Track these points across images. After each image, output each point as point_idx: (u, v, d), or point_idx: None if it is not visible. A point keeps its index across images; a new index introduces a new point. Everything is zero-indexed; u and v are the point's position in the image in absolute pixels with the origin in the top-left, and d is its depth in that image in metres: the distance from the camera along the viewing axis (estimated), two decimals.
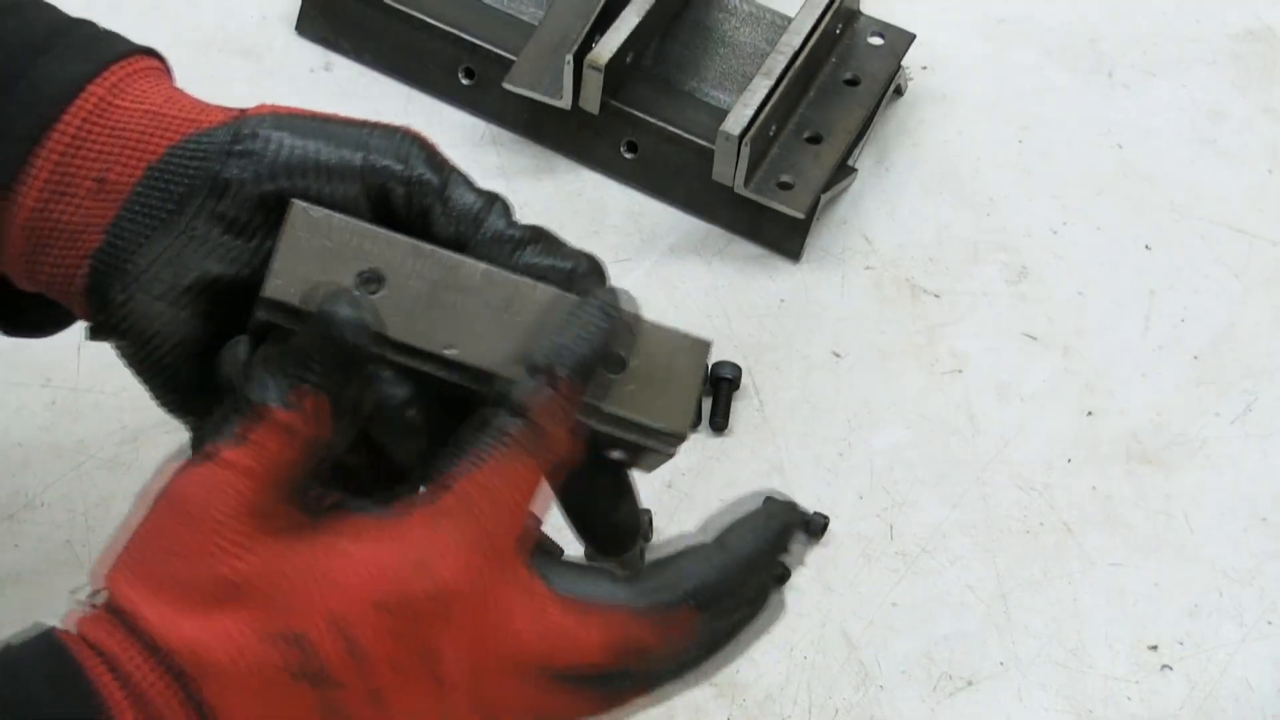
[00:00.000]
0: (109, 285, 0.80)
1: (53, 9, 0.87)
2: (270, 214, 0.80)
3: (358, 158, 0.81)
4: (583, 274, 0.82)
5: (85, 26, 0.87)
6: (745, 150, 1.24)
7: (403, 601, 0.71)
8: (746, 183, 1.26)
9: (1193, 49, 1.42)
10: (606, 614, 0.75)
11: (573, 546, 0.84)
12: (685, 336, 0.85)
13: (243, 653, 0.70)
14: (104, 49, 0.84)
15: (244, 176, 0.81)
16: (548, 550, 0.78)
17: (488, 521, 0.73)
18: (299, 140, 0.82)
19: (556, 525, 0.82)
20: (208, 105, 0.85)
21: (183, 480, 0.73)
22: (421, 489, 0.75)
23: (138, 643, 0.71)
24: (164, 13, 1.39)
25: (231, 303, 0.80)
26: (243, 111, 0.84)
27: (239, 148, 0.81)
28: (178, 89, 0.85)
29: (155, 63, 0.86)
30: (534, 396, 0.76)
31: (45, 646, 0.71)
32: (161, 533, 0.73)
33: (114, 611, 0.72)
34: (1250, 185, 1.35)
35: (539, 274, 0.81)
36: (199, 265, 0.80)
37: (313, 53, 1.38)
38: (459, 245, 0.82)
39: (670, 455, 0.83)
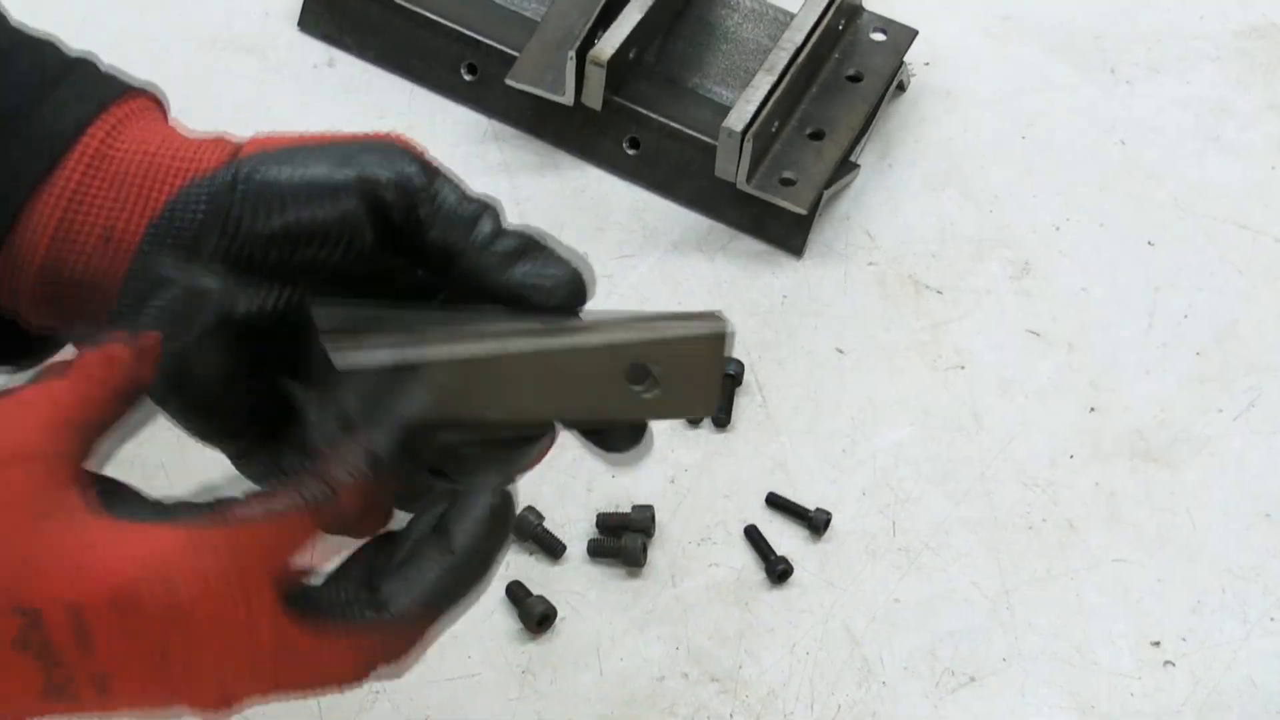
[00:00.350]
0: None
1: (52, 49, 0.87)
2: (281, 248, 0.82)
3: (351, 175, 0.82)
4: (560, 298, 0.82)
5: (83, 68, 0.87)
6: (748, 146, 1.24)
7: (138, 607, 0.72)
8: (749, 179, 1.26)
9: (1197, 45, 1.42)
10: (357, 638, 0.76)
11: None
12: (702, 329, 0.84)
13: None
14: (101, 91, 0.85)
15: (249, 219, 0.81)
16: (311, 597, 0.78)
17: (246, 559, 0.74)
18: (294, 169, 0.82)
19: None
20: (202, 142, 0.85)
21: None
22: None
23: None
24: (168, 9, 1.39)
25: (255, 337, 0.82)
26: (236, 149, 0.84)
27: (240, 188, 0.82)
28: (172, 129, 0.85)
29: (149, 101, 0.87)
30: (345, 477, 0.77)
31: None
32: None
33: None
34: (1254, 181, 1.35)
35: (526, 294, 0.82)
36: (216, 311, 0.81)
37: (316, 49, 1.38)
38: (449, 253, 0.83)
39: None
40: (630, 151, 1.31)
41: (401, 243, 0.83)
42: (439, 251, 0.83)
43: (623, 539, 1.12)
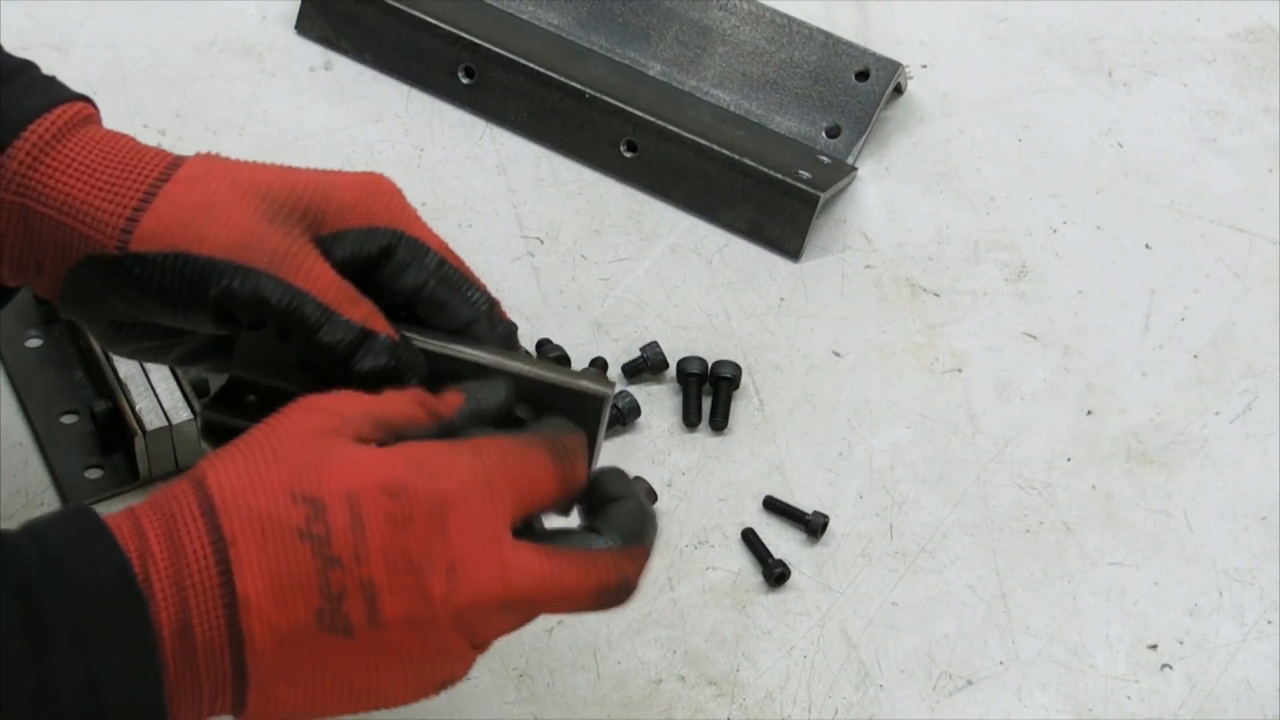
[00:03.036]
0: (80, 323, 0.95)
1: None
2: (165, 316, 0.91)
3: (207, 304, 0.89)
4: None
5: (27, 71, 0.95)
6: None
7: (405, 489, 0.82)
8: None
9: (1193, 48, 1.42)
10: (591, 558, 0.86)
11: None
12: (587, 387, 0.93)
13: (268, 500, 0.81)
14: (39, 99, 0.93)
15: (119, 307, 0.91)
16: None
17: (491, 475, 0.84)
18: (160, 279, 0.90)
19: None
20: (102, 201, 0.91)
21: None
22: None
23: (191, 487, 0.82)
24: (166, 12, 1.39)
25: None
26: (140, 204, 0.90)
27: (125, 273, 0.90)
28: (77, 169, 0.92)
29: (70, 111, 0.93)
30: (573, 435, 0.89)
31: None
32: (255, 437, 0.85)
33: (191, 473, 0.83)
34: (1251, 184, 1.35)
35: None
36: (127, 336, 0.94)
37: (313, 52, 1.38)
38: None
39: None
40: (627, 154, 1.31)
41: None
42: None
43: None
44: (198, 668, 0.80)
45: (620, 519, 0.88)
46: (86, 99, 0.94)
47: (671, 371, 1.21)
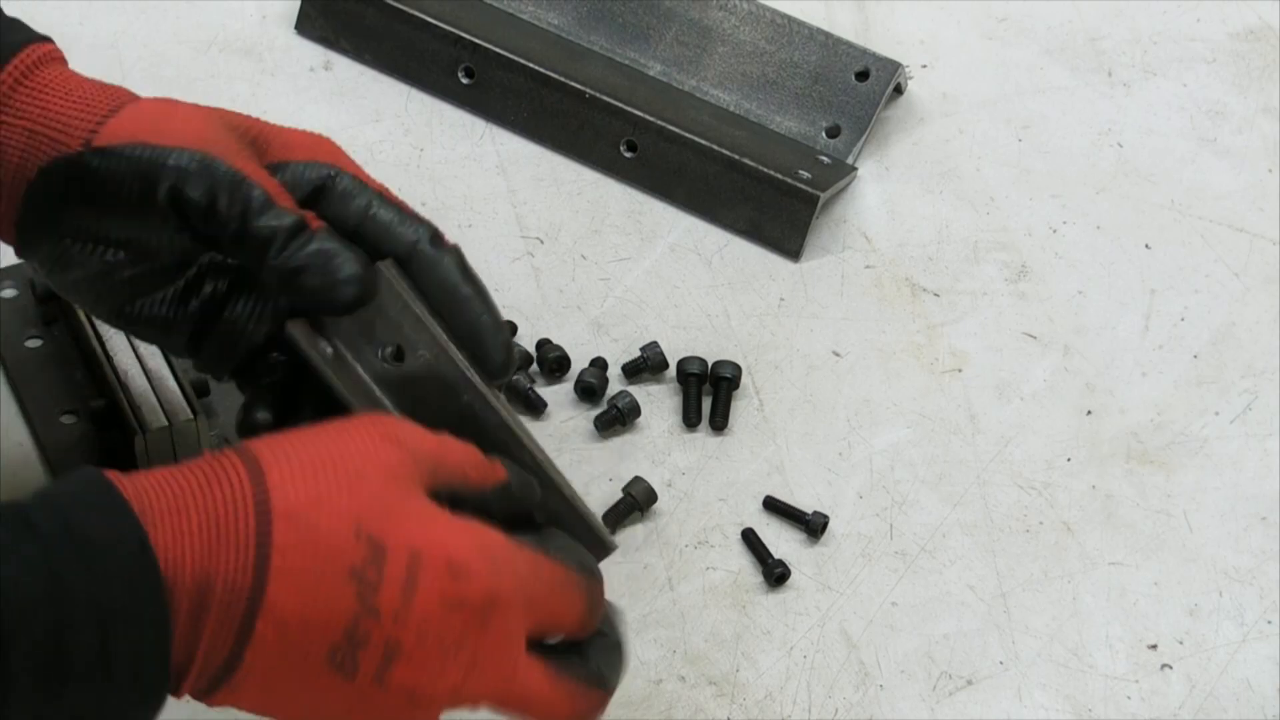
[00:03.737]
0: (35, 263, 0.96)
1: None
2: (113, 224, 0.93)
3: (165, 178, 0.91)
4: (336, 298, 0.92)
5: None
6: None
7: (468, 573, 0.82)
8: None
9: (1193, 48, 1.42)
10: (576, 692, 0.88)
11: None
12: (604, 538, 0.94)
13: (330, 526, 0.80)
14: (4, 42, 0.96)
15: (84, 201, 0.93)
16: None
17: (537, 593, 0.86)
18: (120, 163, 0.92)
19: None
20: (74, 110, 0.94)
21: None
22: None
23: (249, 478, 0.81)
24: (165, 12, 1.39)
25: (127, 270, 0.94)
26: (94, 131, 0.93)
27: (86, 168, 0.92)
28: (51, 90, 0.95)
29: (39, 50, 0.96)
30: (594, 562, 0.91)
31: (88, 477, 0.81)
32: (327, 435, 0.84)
33: (248, 456, 0.82)
34: (1250, 184, 1.35)
35: (301, 282, 0.91)
36: (83, 260, 0.94)
37: (313, 52, 1.38)
38: (241, 240, 0.92)
39: None
40: (627, 154, 1.31)
41: (210, 234, 0.92)
42: (233, 239, 0.92)
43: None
44: (194, 655, 0.80)
45: (610, 659, 0.91)
46: (52, 40, 0.97)
47: (671, 371, 1.21)
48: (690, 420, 1.19)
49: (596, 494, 1.15)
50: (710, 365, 1.21)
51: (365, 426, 0.85)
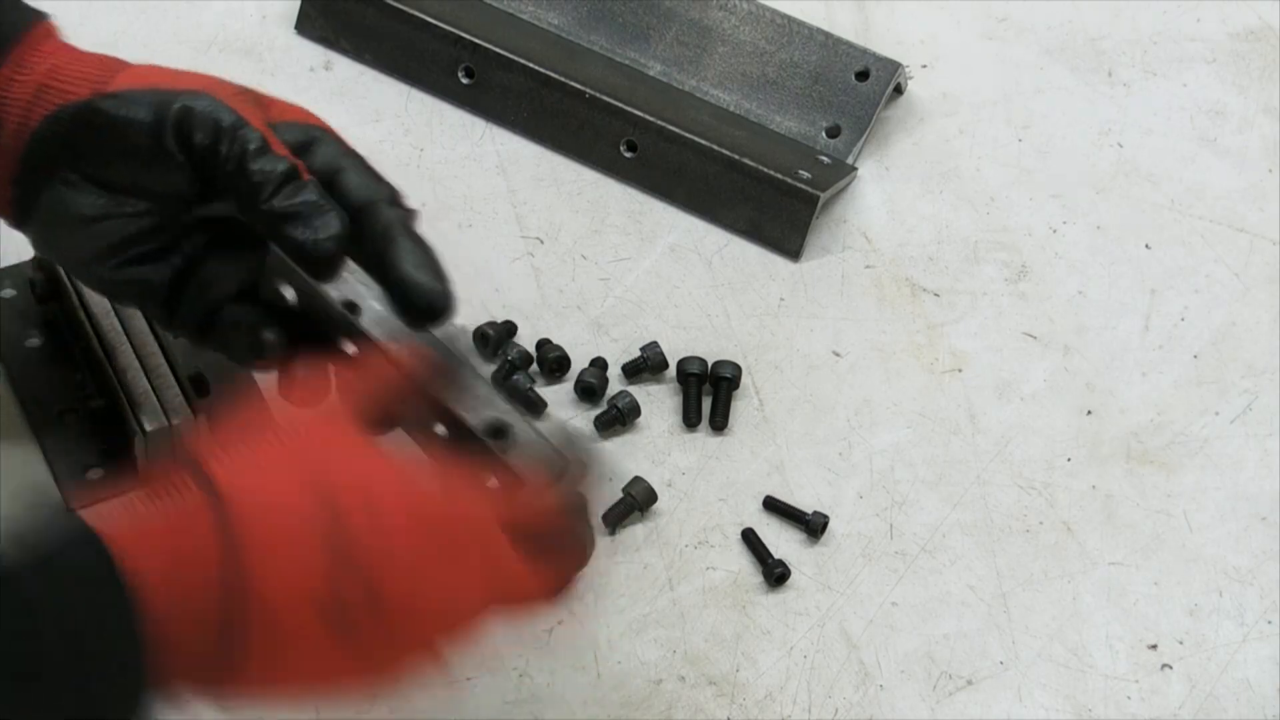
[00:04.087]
0: (27, 226, 1.00)
1: None
2: (118, 169, 0.96)
3: (169, 118, 0.95)
4: (316, 250, 0.95)
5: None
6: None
7: (421, 491, 0.85)
8: None
9: (1193, 48, 1.42)
10: (555, 562, 0.91)
11: None
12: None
13: (283, 493, 0.83)
14: (12, 24, 1.00)
15: (91, 145, 0.96)
16: None
17: (504, 509, 0.88)
18: (129, 108, 0.96)
19: None
20: (84, 67, 0.98)
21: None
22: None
23: (191, 472, 0.83)
24: (165, 12, 1.39)
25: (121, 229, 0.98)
26: (102, 85, 0.97)
27: (89, 119, 0.96)
28: (61, 54, 0.99)
29: (48, 25, 1.01)
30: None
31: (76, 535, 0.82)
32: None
33: (189, 459, 0.85)
34: (1251, 184, 1.35)
35: (287, 230, 0.95)
36: (80, 207, 0.97)
37: (313, 52, 1.38)
38: (237, 185, 0.95)
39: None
40: (627, 154, 1.31)
41: (207, 174, 0.96)
42: (228, 180, 0.95)
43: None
44: (191, 657, 0.82)
45: (577, 544, 0.93)
46: (45, 16, 1.02)
47: (671, 371, 1.21)
48: (690, 420, 1.19)
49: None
50: (710, 365, 1.21)
51: (316, 419, 0.88)
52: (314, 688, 0.86)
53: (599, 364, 1.21)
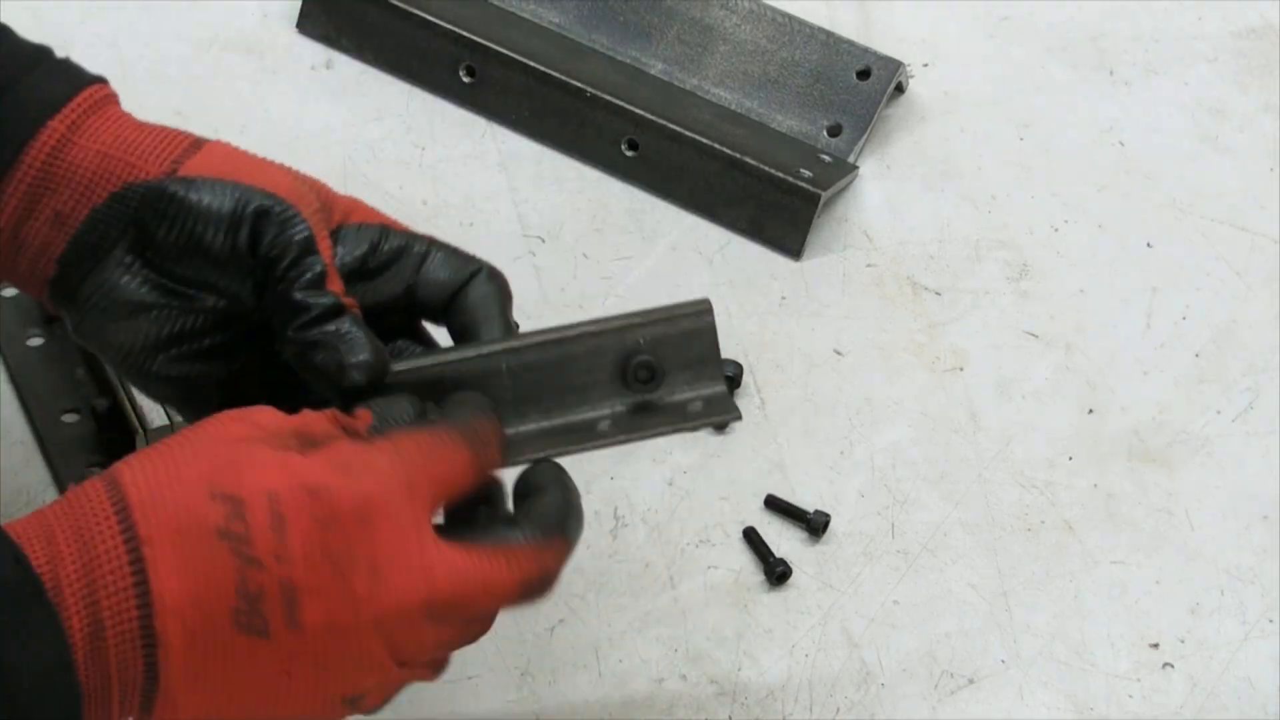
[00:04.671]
0: (67, 306, 0.94)
1: (13, 36, 0.97)
2: (182, 262, 0.92)
3: (246, 224, 0.91)
4: (344, 378, 0.91)
5: (49, 57, 0.96)
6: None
7: (327, 488, 0.81)
8: None
9: (1194, 46, 1.42)
10: (511, 553, 0.85)
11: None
12: (684, 308, 0.94)
13: (186, 498, 0.80)
14: (67, 80, 0.95)
15: (159, 232, 0.92)
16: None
17: (412, 472, 0.83)
18: (208, 198, 0.92)
19: None
20: (148, 143, 0.94)
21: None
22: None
23: (105, 486, 0.81)
24: (166, 10, 1.39)
25: (174, 320, 0.93)
26: (177, 163, 0.93)
27: (160, 205, 0.92)
28: (125, 122, 0.95)
29: (106, 90, 0.96)
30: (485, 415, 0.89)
31: None
32: (175, 439, 0.84)
33: (105, 474, 0.82)
34: (1252, 182, 1.35)
35: (312, 358, 0.91)
36: (132, 294, 0.92)
37: (314, 50, 1.38)
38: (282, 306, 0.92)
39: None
40: (629, 153, 1.31)
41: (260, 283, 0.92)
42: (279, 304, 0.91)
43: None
44: (108, 670, 0.79)
45: (540, 511, 0.87)
46: (104, 80, 0.96)
47: None
48: None
49: (597, 492, 1.15)
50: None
51: (213, 417, 0.84)
52: (251, 705, 0.82)
53: None
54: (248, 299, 0.92)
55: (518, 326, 0.96)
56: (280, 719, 0.83)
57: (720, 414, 0.94)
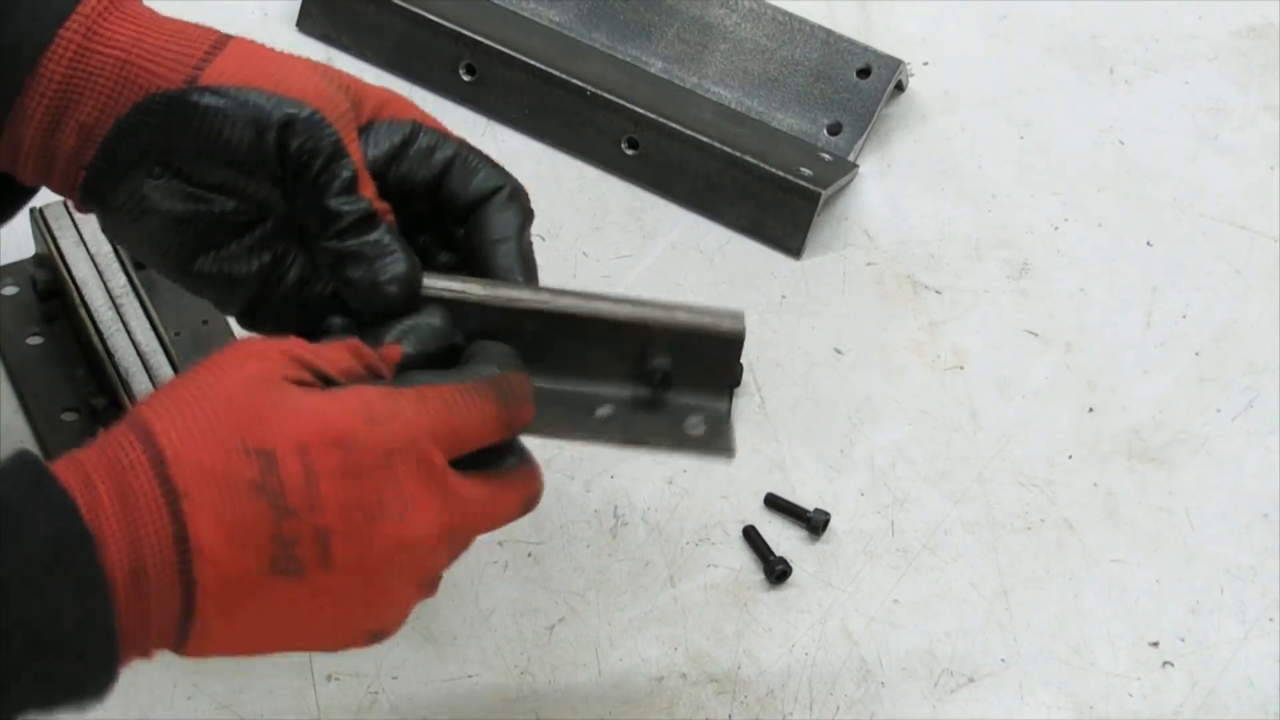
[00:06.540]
0: (99, 210, 0.95)
1: None
2: (207, 167, 0.92)
3: (274, 125, 0.92)
4: (374, 298, 0.94)
5: None
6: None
7: (354, 441, 0.84)
8: None
9: (1194, 45, 1.42)
10: (515, 476, 0.91)
11: None
12: (721, 316, 0.97)
13: (221, 455, 0.82)
14: None
15: (182, 139, 0.92)
16: None
17: (436, 424, 0.86)
18: (230, 103, 0.92)
19: None
20: (173, 45, 0.93)
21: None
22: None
23: (138, 438, 0.83)
24: (167, 10, 1.39)
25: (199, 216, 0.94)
26: (198, 68, 0.92)
27: (183, 112, 0.92)
28: (142, 21, 0.94)
29: None
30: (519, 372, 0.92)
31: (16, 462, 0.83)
32: (193, 376, 0.86)
33: (134, 422, 0.84)
34: (1252, 182, 1.35)
35: (346, 270, 0.93)
36: (161, 201, 0.93)
37: (314, 49, 1.38)
38: (319, 210, 0.93)
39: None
40: (629, 151, 1.31)
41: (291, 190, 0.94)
42: (312, 207, 0.93)
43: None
44: (148, 610, 0.82)
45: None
46: None
47: None
48: None
49: (597, 491, 1.15)
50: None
51: (230, 352, 0.86)
52: (279, 638, 0.86)
53: None
54: (278, 204, 0.94)
55: (530, 245, 0.97)
56: (309, 649, 0.88)
57: (713, 451, 0.97)
